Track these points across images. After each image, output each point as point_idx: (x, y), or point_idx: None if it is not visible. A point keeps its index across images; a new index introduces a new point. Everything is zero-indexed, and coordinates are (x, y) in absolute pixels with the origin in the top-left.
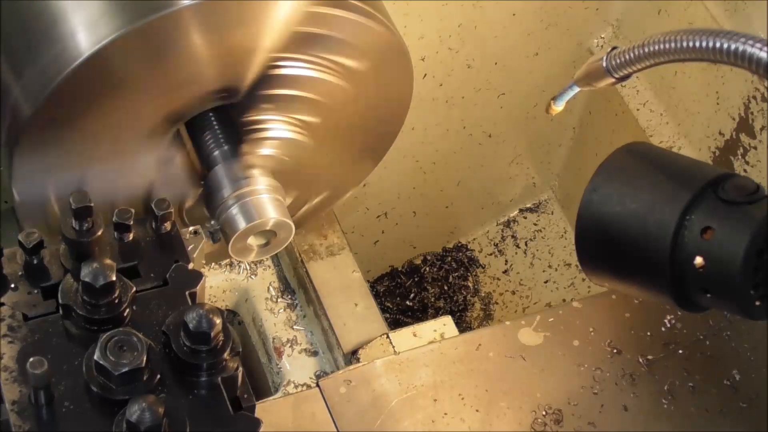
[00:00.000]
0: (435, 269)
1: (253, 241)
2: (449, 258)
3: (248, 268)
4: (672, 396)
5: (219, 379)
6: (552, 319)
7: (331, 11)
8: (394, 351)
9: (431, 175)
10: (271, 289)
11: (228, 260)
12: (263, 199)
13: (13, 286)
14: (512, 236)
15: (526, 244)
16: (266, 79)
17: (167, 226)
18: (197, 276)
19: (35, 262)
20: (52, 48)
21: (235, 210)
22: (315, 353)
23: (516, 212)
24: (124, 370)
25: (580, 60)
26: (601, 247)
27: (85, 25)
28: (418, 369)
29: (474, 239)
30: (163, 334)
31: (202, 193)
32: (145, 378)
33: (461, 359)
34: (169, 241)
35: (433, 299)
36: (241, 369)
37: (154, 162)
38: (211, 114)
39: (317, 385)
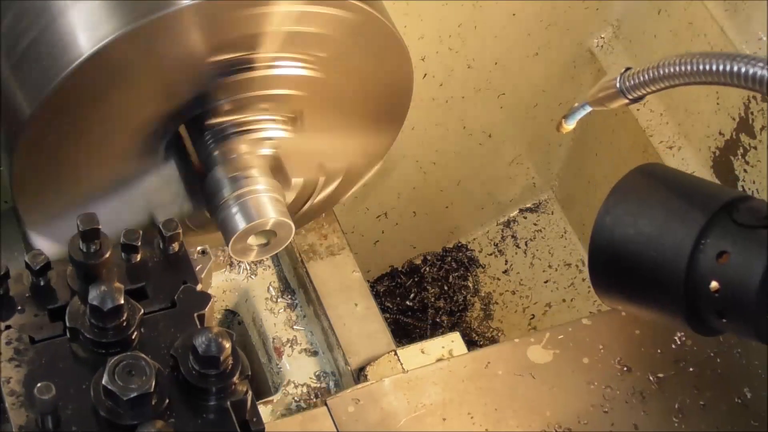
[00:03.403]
0: (435, 269)
1: (253, 241)
2: (449, 258)
3: (248, 268)
4: (683, 414)
5: (228, 403)
6: (561, 336)
7: (327, 10)
8: (403, 369)
9: (431, 175)
10: (271, 289)
11: (228, 260)
12: (263, 198)
13: (19, 308)
14: (512, 236)
15: (526, 244)
16: (266, 78)
17: (175, 246)
18: (206, 298)
19: (42, 283)
20: (52, 48)
21: (234, 210)
22: (315, 353)
23: (516, 212)
24: (132, 395)
25: (580, 60)
26: (615, 269)
27: (85, 25)
28: (426, 387)
29: (474, 239)
30: (172, 358)
31: (203, 193)
32: (153, 402)
33: (470, 377)
34: (177, 262)
35: (433, 299)
36: (250, 393)
37: (155, 162)
38: (211, 113)
39: (325, 404)
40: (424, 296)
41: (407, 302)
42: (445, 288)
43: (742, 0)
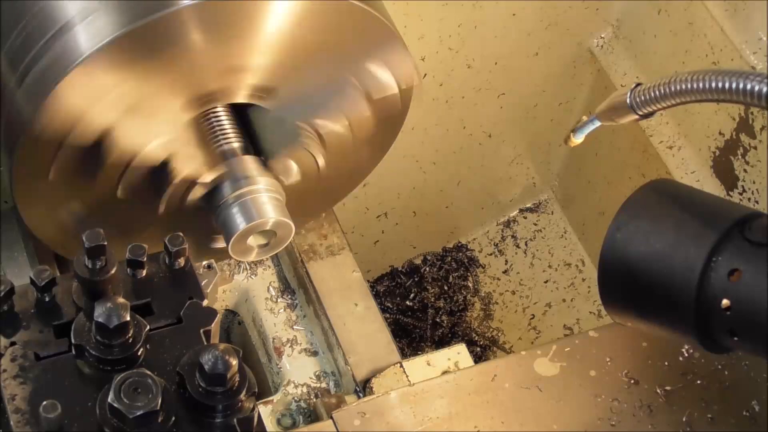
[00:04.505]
0: (435, 269)
1: (253, 241)
2: (449, 258)
3: (248, 268)
4: (690, 427)
5: (235, 420)
6: (568, 348)
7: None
8: (408, 381)
9: (431, 175)
10: (271, 289)
11: (228, 260)
12: (263, 198)
13: (24, 324)
14: (512, 236)
15: (526, 244)
16: (275, 83)
17: (181, 261)
18: (212, 314)
19: (47, 299)
20: (52, 48)
21: (235, 210)
22: (315, 353)
23: (516, 212)
24: (138, 413)
25: (580, 60)
26: (625, 286)
27: (85, 26)
28: (433, 400)
29: (474, 239)
30: (178, 375)
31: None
32: (159, 420)
33: (477, 390)
34: (183, 277)
35: (433, 299)
36: (257, 409)
37: (156, 161)
38: (212, 113)
39: (330, 418)
40: (424, 296)
41: (407, 302)
42: (445, 288)
43: (742, 0)
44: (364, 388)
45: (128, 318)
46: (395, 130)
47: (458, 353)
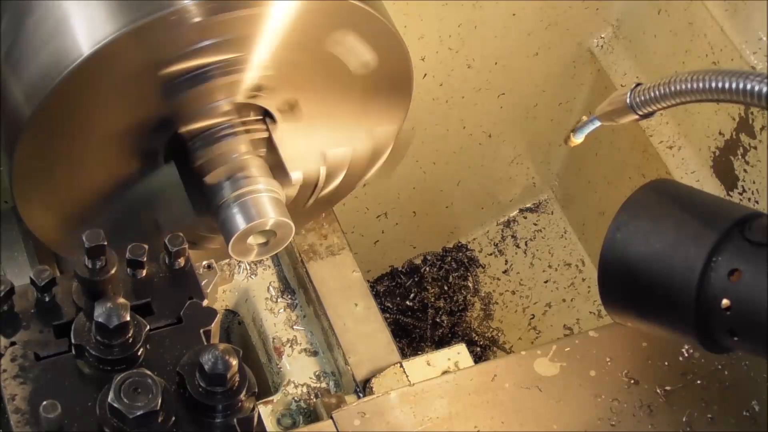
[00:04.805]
0: (435, 269)
1: (253, 241)
2: (449, 258)
3: (248, 268)
4: (690, 427)
5: (235, 420)
6: (568, 348)
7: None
8: (409, 381)
9: (431, 175)
10: (271, 289)
11: (228, 260)
12: (263, 198)
13: (24, 324)
14: (512, 236)
15: (526, 244)
16: (269, 78)
17: (181, 261)
18: (212, 314)
19: (47, 299)
20: (51, 48)
21: (234, 210)
22: (315, 353)
23: (516, 212)
24: (138, 413)
25: (580, 60)
26: (625, 286)
27: (85, 25)
28: (433, 400)
29: (474, 239)
30: (178, 375)
31: (204, 195)
32: (159, 420)
33: (476, 390)
34: (183, 277)
35: (433, 299)
36: (257, 409)
37: (156, 164)
38: (210, 113)
39: (330, 418)
40: (424, 296)
41: (407, 302)
42: (445, 288)
43: (742, 0)
44: (364, 388)
45: (128, 318)
46: (395, 127)
47: (458, 353)
